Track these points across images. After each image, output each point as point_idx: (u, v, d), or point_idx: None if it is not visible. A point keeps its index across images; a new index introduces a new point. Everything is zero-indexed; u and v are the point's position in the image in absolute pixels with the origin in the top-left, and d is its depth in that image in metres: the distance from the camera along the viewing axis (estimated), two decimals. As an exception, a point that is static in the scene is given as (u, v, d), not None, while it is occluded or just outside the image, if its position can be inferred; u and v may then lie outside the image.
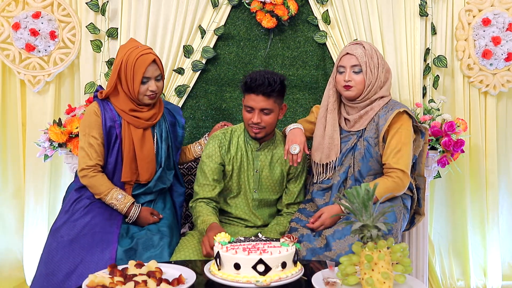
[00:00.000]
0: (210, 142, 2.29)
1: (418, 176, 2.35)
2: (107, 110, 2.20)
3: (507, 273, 3.12)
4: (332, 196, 2.24)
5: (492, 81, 2.93)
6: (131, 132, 2.20)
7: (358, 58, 2.19)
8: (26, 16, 2.85)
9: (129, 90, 2.17)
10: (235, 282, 1.51)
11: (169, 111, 2.40)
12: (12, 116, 3.04)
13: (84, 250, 1.99)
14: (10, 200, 3.08)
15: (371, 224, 1.44)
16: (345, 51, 2.25)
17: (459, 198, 3.05)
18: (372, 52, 2.22)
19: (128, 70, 2.15)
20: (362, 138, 2.24)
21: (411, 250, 2.75)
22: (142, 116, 2.22)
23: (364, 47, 2.22)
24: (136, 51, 2.16)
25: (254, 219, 2.30)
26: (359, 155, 2.22)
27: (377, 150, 2.21)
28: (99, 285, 1.49)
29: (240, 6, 2.85)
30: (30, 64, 2.90)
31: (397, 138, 2.17)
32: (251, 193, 2.28)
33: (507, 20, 2.87)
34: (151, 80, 2.17)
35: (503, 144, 3.09)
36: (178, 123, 2.42)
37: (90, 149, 2.16)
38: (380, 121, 2.19)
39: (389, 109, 2.21)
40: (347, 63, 2.22)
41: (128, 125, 2.20)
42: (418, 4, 2.83)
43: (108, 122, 2.19)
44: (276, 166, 2.30)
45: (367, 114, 2.24)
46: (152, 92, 2.18)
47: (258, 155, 2.28)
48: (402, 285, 1.46)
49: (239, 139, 2.28)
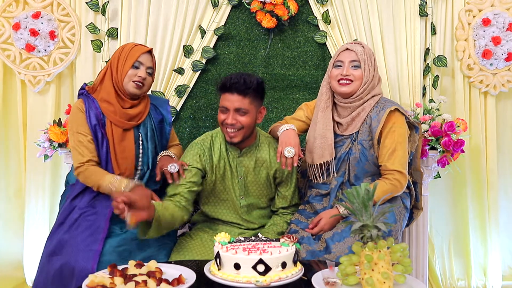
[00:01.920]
0: (189, 151, 2.16)
1: (414, 171, 2.34)
2: (91, 107, 2.16)
3: (507, 273, 3.12)
4: (330, 201, 2.21)
5: (492, 81, 2.93)
6: (112, 130, 2.16)
7: (358, 54, 2.17)
8: (26, 17, 2.85)
9: (117, 73, 2.14)
10: (235, 282, 1.51)
11: (155, 107, 2.32)
12: (12, 116, 3.04)
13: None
14: (11, 199, 3.09)
15: (371, 224, 1.44)
16: (344, 47, 2.22)
17: (459, 198, 3.05)
18: (370, 52, 2.21)
19: (122, 55, 2.16)
20: (356, 142, 2.19)
21: (411, 250, 2.75)
22: (125, 114, 2.16)
23: (363, 46, 2.21)
24: (133, 43, 2.22)
25: (247, 223, 2.24)
26: (354, 159, 2.17)
27: (372, 152, 2.17)
28: (99, 285, 1.49)
29: (240, 6, 2.85)
30: (30, 64, 2.91)
31: (391, 138, 2.13)
32: (238, 201, 2.19)
33: (507, 20, 2.88)
34: (142, 67, 2.16)
35: (503, 144, 3.09)
36: (165, 120, 2.33)
37: (80, 147, 2.12)
38: (373, 122, 2.15)
39: (380, 108, 2.17)
40: (346, 58, 2.19)
41: (111, 124, 2.16)
42: (418, 4, 2.83)
43: (92, 119, 2.14)
44: (262, 170, 2.19)
45: (359, 116, 2.19)
46: (140, 78, 2.14)
47: (240, 161, 2.17)
48: (402, 285, 1.46)
49: (221, 146, 2.17)
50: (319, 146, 2.21)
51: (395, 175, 2.11)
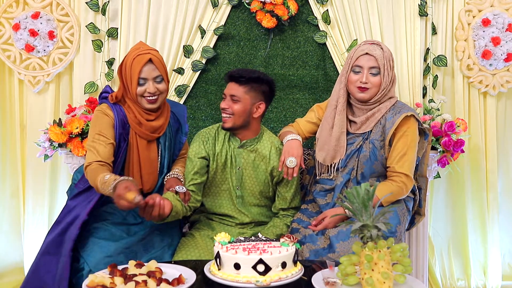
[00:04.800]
0: (194, 141, 2.27)
1: (420, 177, 2.34)
2: (119, 115, 2.11)
3: (507, 273, 3.12)
4: (334, 197, 2.22)
5: (492, 81, 2.93)
6: (137, 141, 2.13)
7: (378, 60, 2.14)
8: (25, 17, 2.85)
9: (130, 93, 2.09)
10: (235, 282, 1.51)
11: (174, 115, 2.29)
12: (11, 116, 3.04)
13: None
14: (7, 200, 3.08)
15: (371, 224, 1.44)
16: (364, 50, 2.17)
17: (459, 198, 3.05)
18: (389, 54, 2.18)
19: (127, 72, 2.07)
20: (368, 141, 2.20)
21: (411, 250, 2.75)
22: (149, 126, 2.12)
23: (382, 48, 2.17)
24: (134, 52, 2.08)
25: (241, 216, 2.26)
26: (364, 157, 2.19)
27: (382, 153, 2.18)
28: (99, 285, 1.49)
29: (240, 6, 2.85)
30: (30, 65, 2.91)
31: (403, 141, 2.14)
32: (234, 191, 2.26)
33: (506, 20, 2.88)
34: (148, 82, 2.06)
35: (503, 144, 3.09)
36: (181, 129, 2.32)
37: (97, 147, 2.02)
38: (387, 123, 2.16)
39: (397, 111, 2.17)
40: (366, 63, 2.15)
41: (135, 135, 2.13)
42: (418, 4, 2.83)
43: (119, 128, 2.09)
44: (261, 164, 2.25)
45: (374, 116, 2.20)
46: (150, 94, 2.06)
47: (240, 152, 2.24)
48: (402, 285, 1.46)
49: (225, 136, 2.27)
50: (332, 148, 2.23)
51: (402, 178, 2.12)
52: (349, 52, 2.30)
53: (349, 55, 2.24)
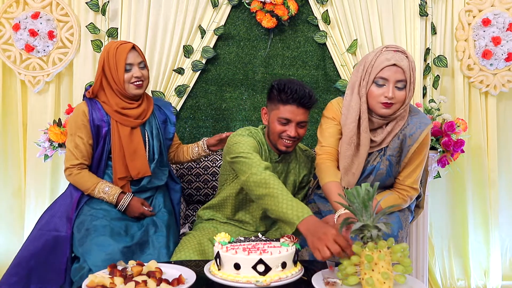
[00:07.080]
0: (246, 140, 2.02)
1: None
2: (95, 109, 2.21)
3: (507, 273, 3.12)
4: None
5: (493, 81, 2.93)
6: (119, 130, 2.21)
7: (405, 72, 1.86)
8: (25, 17, 2.85)
9: (115, 82, 2.17)
10: (235, 282, 1.51)
11: (159, 107, 2.39)
12: (13, 116, 3.05)
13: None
14: (10, 200, 3.09)
15: (371, 224, 1.44)
16: (390, 60, 1.86)
17: (459, 198, 3.05)
18: (413, 64, 1.92)
19: (111, 61, 2.16)
20: (385, 157, 2.02)
21: (411, 250, 2.75)
22: (131, 114, 2.21)
23: (408, 57, 1.90)
24: (115, 44, 2.21)
25: (258, 225, 2.24)
26: (380, 175, 2.03)
27: (397, 168, 2.04)
28: (99, 285, 1.48)
29: (240, 6, 2.85)
30: (30, 65, 2.91)
31: (418, 157, 2.00)
32: None
33: (507, 20, 2.87)
34: (134, 67, 2.17)
35: (504, 144, 3.09)
36: (169, 120, 2.40)
37: (75, 149, 2.19)
38: (408, 140, 1.96)
39: (416, 126, 1.96)
40: (393, 76, 1.86)
41: (116, 123, 2.20)
42: (418, 4, 2.83)
43: (96, 121, 2.20)
44: (290, 175, 2.21)
45: (393, 131, 1.99)
46: (137, 79, 2.17)
47: (276, 166, 2.16)
48: (402, 285, 1.46)
49: (265, 146, 2.13)
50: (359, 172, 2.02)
51: (410, 192, 2.05)
52: (367, 59, 1.94)
53: (368, 63, 1.91)
